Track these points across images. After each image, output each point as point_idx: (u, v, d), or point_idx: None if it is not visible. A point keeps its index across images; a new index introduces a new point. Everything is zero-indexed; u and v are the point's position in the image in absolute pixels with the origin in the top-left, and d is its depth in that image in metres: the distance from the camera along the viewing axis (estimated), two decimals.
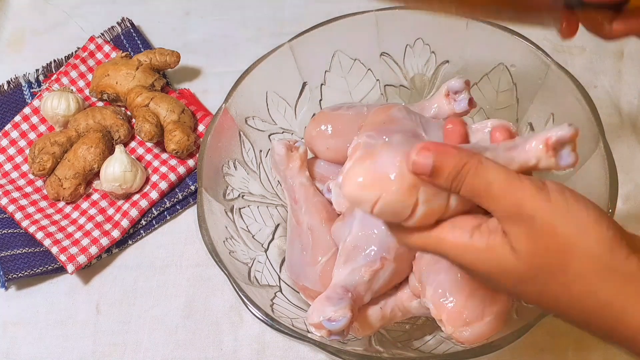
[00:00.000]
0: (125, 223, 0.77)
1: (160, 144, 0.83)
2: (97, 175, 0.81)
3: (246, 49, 0.92)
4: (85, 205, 0.80)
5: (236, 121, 0.70)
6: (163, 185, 0.80)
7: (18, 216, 0.78)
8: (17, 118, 0.86)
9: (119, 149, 0.79)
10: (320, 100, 0.76)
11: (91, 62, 0.90)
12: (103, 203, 0.80)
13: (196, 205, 0.64)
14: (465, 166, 0.41)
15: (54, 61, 0.91)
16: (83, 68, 0.90)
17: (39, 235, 0.76)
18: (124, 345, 0.72)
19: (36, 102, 0.87)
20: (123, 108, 0.86)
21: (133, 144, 0.85)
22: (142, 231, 0.79)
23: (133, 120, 0.84)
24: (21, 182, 0.83)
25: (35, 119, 0.86)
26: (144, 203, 0.79)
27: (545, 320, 0.54)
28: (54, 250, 0.75)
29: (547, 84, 0.67)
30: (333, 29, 0.72)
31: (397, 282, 0.62)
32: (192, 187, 0.80)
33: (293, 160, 0.68)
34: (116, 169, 0.78)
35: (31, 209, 0.79)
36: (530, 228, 0.40)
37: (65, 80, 0.89)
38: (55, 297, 0.76)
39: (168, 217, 0.80)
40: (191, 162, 0.81)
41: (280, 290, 0.66)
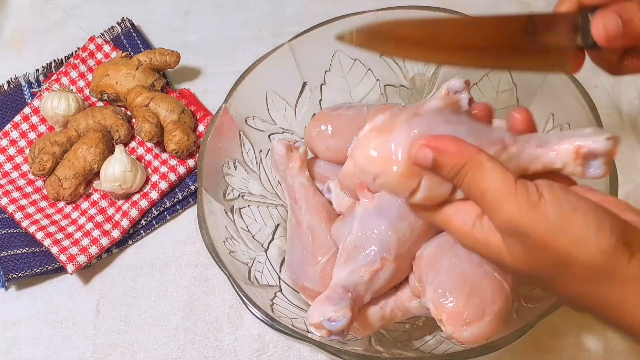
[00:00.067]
0: (125, 223, 0.77)
1: (160, 144, 0.83)
2: (97, 175, 0.81)
3: (246, 49, 0.92)
4: (85, 205, 0.80)
5: (236, 121, 0.70)
6: (163, 185, 0.80)
7: (18, 216, 0.78)
8: (17, 118, 0.86)
9: (119, 149, 0.79)
10: (320, 100, 0.76)
11: (91, 62, 0.90)
12: (103, 203, 0.80)
13: (196, 205, 0.64)
14: (464, 167, 0.41)
15: (54, 61, 0.91)
16: (83, 68, 0.90)
17: (39, 235, 0.76)
18: (124, 345, 0.72)
19: (36, 102, 0.87)
20: (123, 108, 0.86)
21: (133, 144, 0.85)
22: (142, 231, 0.79)
23: (133, 120, 0.84)
24: (21, 182, 0.83)
25: (35, 119, 0.86)
26: (144, 203, 0.79)
27: (545, 320, 0.54)
28: (54, 250, 0.75)
29: (547, 84, 0.66)
30: (333, 29, 0.72)
31: (397, 282, 0.62)
32: (192, 187, 0.80)
33: (293, 160, 0.68)
34: (116, 169, 0.78)
35: (31, 209, 0.79)
36: (525, 244, 0.40)
37: (65, 80, 0.89)
38: (55, 297, 0.76)
39: (168, 217, 0.80)
40: (191, 162, 0.81)
41: (280, 290, 0.66)
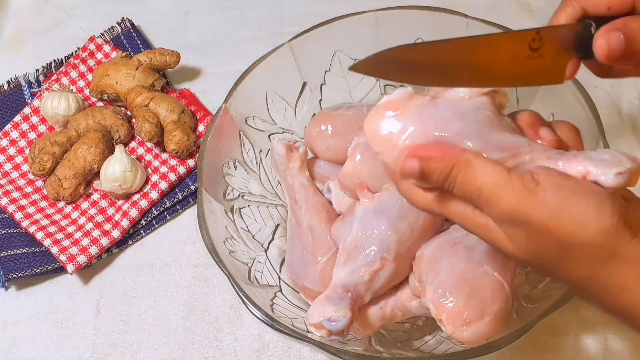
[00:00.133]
0: (125, 223, 0.77)
1: (160, 144, 0.83)
2: (97, 175, 0.81)
3: (246, 49, 0.92)
4: (85, 205, 0.80)
5: (236, 121, 0.70)
6: (163, 185, 0.80)
7: (18, 216, 0.78)
8: (17, 118, 0.86)
9: (119, 149, 0.79)
10: (320, 100, 0.76)
11: (91, 62, 0.90)
12: (103, 203, 0.80)
13: (196, 205, 0.64)
14: (453, 169, 0.41)
15: (54, 61, 0.91)
16: (83, 68, 0.90)
17: (39, 235, 0.76)
18: (124, 345, 0.72)
19: (36, 102, 0.87)
20: (123, 108, 0.86)
21: (133, 144, 0.85)
22: (142, 231, 0.79)
23: (133, 120, 0.84)
24: (21, 182, 0.83)
25: (35, 119, 0.86)
26: (144, 203, 0.79)
27: (545, 320, 0.54)
28: (54, 250, 0.75)
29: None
30: (333, 29, 0.72)
31: (397, 282, 0.62)
32: (192, 187, 0.80)
33: (293, 160, 0.68)
34: (116, 169, 0.78)
35: (31, 209, 0.79)
36: (526, 231, 0.40)
37: (65, 80, 0.89)
38: (55, 297, 0.76)
39: (168, 217, 0.80)
40: (191, 162, 0.81)
41: (280, 290, 0.66)
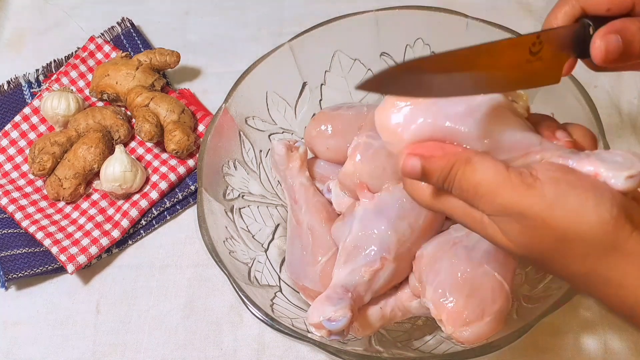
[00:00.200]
0: (125, 223, 0.77)
1: (160, 144, 0.83)
2: (97, 175, 0.81)
3: (246, 49, 0.92)
4: (85, 205, 0.80)
5: (236, 121, 0.70)
6: (163, 185, 0.80)
7: (18, 216, 0.78)
8: (17, 118, 0.86)
9: (119, 149, 0.79)
10: (320, 100, 0.76)
11: (91, 62, 0.90)
12: (103, 203, 0.80)
13: (196, 205, 0.64)
14: (453, 168, 0.42)
15: (54, 61, 0.91)
16: (83, 68, 0.90)
17: (39, 235, 0.76)
18: (124, 345, 0.72)
19: (36, 102, 0.87)
20: (123, 108, 0.86)
21: (133, 144, 0.85)
22: (142, 231, 0.79)
23: (133, 120, 0.84)
24: (21, 182, 0.83)
25: (35, 119, 0.86)
26: (144, 203, 0.79)
27: (545, 320, 0.54)
28: (54, 250, 0.75)
29: None
30: (333, 29, 0.72)
31: (397, 282, 0.62)
32: (192, 187, 0.80)
33: (293, 160, 0.68)
34: (116, 169, 0.78)
35: (31, 209, 0.79)
36: (521, 224, 0.40)
37: (65, 80, 0.89)
38: (55, 297, 0.76)
39: (168, 217, 0.80)
40: (191, 162, 0.81)
41: (280, 290, 0.66)
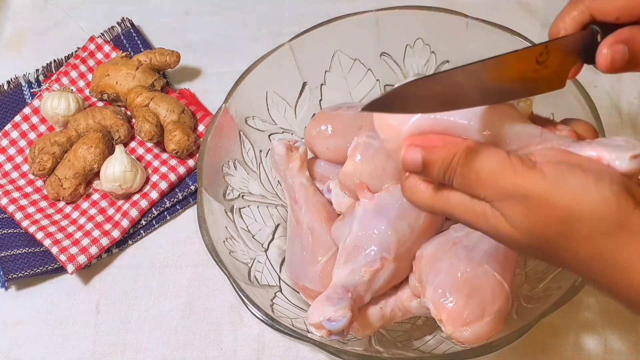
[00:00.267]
0: (125, 223, 0.77)
1: (160, 144, 0.83)
2: (97, 175, 0.81)
3: (246, 49, 0.92)
4: (85, 205, 0.80)
5: (236, 121, 0.70)
6: (163, 185, 0.80)
7: (18, 216, 0.78)
8: (17, 118, 0.86)
9: (119, 149, 0.79)
10: (320, 100, 0.76)
11: (91, 62, 0.90)
12: (103, 203, 0.80)
13: (196, 205, 0.64)
14: (454, 157, 0.41)
15: (54, 61, 0.91)
16: (83, 68, 0.90)
17: (39, 235, 0.76)
18: (124, 345, 0.72)
19: (36, 102, 0.87)
20: (123, 108, 0.86)
21: (133, 144, 0.85)
22: (142, 231, 0.79)
23: (133, 120, 0.84)
24: (21, 182, 0.83)
25: (35, 119, 0.86)
26: (144, 203, 0.79)
27: (545, 320, 0.54)
28: (54, 250, 0.75)
29: None
30: (333, 29, 0.72)
31: (397, 282, 0.62)
32: (192, 187, 0.80)
33: (293, 160, 0.68)
34: (116, 169, 0.78)
35: (31, 209, 0.79)
36: (525, 206, 0.40)
37: (65, 80, 0.89)
38: (55, 297, 0.76)
39: (168, 217, 0.80)
40: (191, 162, 0.81)
41: (280, 290, 0.66)
